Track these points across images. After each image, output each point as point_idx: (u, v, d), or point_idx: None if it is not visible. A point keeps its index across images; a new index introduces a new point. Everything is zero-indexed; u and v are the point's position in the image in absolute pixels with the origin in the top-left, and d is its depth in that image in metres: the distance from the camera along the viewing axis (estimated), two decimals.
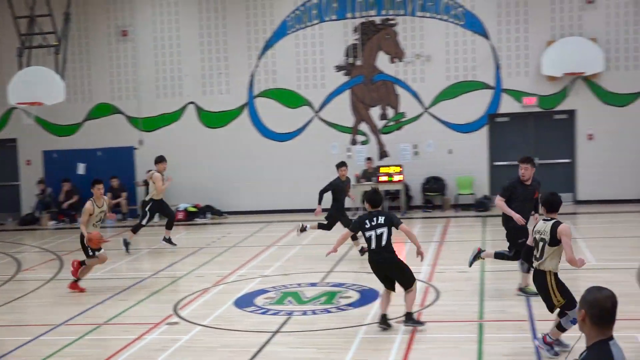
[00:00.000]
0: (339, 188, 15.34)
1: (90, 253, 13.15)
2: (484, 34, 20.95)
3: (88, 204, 13.36)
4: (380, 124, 21.72)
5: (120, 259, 16.46)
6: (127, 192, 22.61)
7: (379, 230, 9.86)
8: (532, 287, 11.45)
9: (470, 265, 11.86)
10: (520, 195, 11.38)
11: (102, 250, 13.27)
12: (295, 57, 21.95)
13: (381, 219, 9.91)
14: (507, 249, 11.62)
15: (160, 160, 17.15)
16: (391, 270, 10.08)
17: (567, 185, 21.11)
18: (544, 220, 8.70)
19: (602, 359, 4.14)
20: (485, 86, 21.05)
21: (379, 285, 12.64)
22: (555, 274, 8.56)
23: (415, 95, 21.41)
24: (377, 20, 21.53)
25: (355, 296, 12.04)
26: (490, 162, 21.29)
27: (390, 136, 21.68)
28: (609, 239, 15.86)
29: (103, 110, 23.07)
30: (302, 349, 9.54)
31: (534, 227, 8.78)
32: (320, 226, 15.69)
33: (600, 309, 4.20)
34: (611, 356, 4.13)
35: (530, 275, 11.43)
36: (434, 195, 21.18)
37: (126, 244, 17.00)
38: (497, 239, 16.89)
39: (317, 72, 21.89)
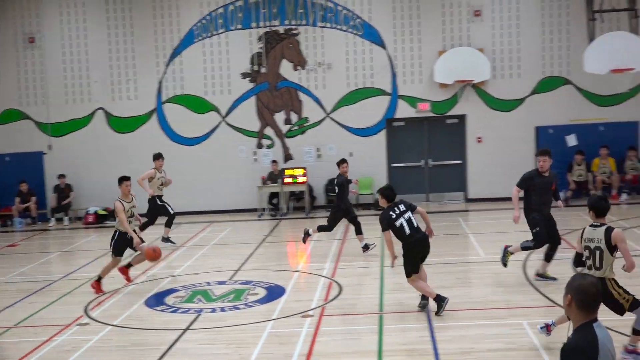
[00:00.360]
0: (346, 183, 14.99)
1: (115, 255, 12.60)
2: (381, 43, 21.25)
3: (117, 204, 12.50)
4: (284, 128, 21.73)
5: (30, 262, 15.90)
6: (37, 197, 21.85)
7: (406, 216, 10.16)
8: (550, 273, 11.56)
9: (505, 265, 11.76)
10: (538, 186, 11.47)
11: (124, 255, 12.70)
12: (202, 65, 21.72)
13: (402, 207, 10.23)
14: (530, 240, 11.69)
15: (156, 157, 16.83)
16: (428, 247, 10.30)
17: (459, 185, 21.66)
18: (592, 226, 7.94)
19: (586, 339, 4.30)
20: (382, 93, 21.34)
21: (284, 282, 12.68)
22: (614, 279, 7.90)
23: (317, 101, 21.52)
24: (281, 30, 21.54)
25: (262, 293, 12.02)
26: (389, 163, 21.60)
27: (295, 140, 21.73)
28: (497, 234, 16.31)
29: (11, 115, 22.23)
30: (212, 345, 9.46)
31: (582, 234, 8.00)
32: (321, 228, 15.00)
33: (586, 295, 4.36)
34: (595, 336, 4.29)
35: (549, 264, 11.52)
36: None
37: (166, 240, 16.53)
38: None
39: (223, 79, 21.73)
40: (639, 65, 18.09)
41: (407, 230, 10.09)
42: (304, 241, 15.06)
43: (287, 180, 20.81)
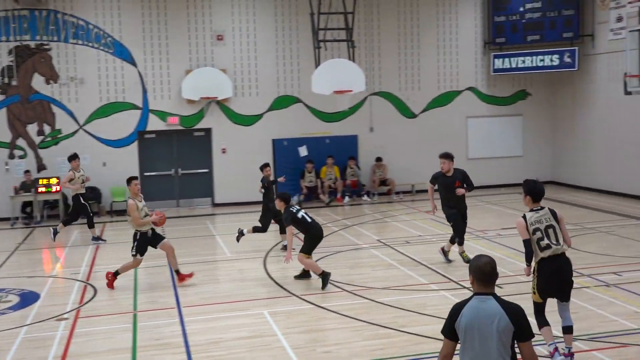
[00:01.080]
0: (270, 184, 14.31)
1: (133, 253, 11.52)
2: (132, 61, 20.59)
3: (131, 202, 11.38)
4: (37, 139, 20.24)
5: None
6: None
7: (303, 210, 11.21)
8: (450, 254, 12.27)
9: (449, 261, 12.17)
10: (442, 184, 11.91)
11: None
12: None
13: (297, 206, 11.43)
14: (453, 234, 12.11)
15: (72, 158, 16.43)
16: (322, 235, 11.36)
17: (207, 191, 21.60)
18: (533, 210, 7.38)
19: (459, 303, 4.76)
20: (134, 107, 20.69)
21: (39, 288, 11.79)
22: None
23: (70, 114, 20.31)
24: (32, 44, 20.03)
25: (15, 300, 11.06)
26: (141, 172, 20.99)
27: (48, 151, 20.31)
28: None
29: None
30: None
31: (526, 221, 7.29)
32: (256, 229, 13.99)
33: (482, 273, 4.71)
34: (463, 304, 4.72)
35: (451, 245, 12.24)
36: (91, 203, 20.23)
37: (55, 233, 15.77)
38: None
39: None
40: (356, 87, 19.29)
41: (309, 219, 11.09)
42: (238, 240, 14.02)
43: (40, 189, 19.40)
